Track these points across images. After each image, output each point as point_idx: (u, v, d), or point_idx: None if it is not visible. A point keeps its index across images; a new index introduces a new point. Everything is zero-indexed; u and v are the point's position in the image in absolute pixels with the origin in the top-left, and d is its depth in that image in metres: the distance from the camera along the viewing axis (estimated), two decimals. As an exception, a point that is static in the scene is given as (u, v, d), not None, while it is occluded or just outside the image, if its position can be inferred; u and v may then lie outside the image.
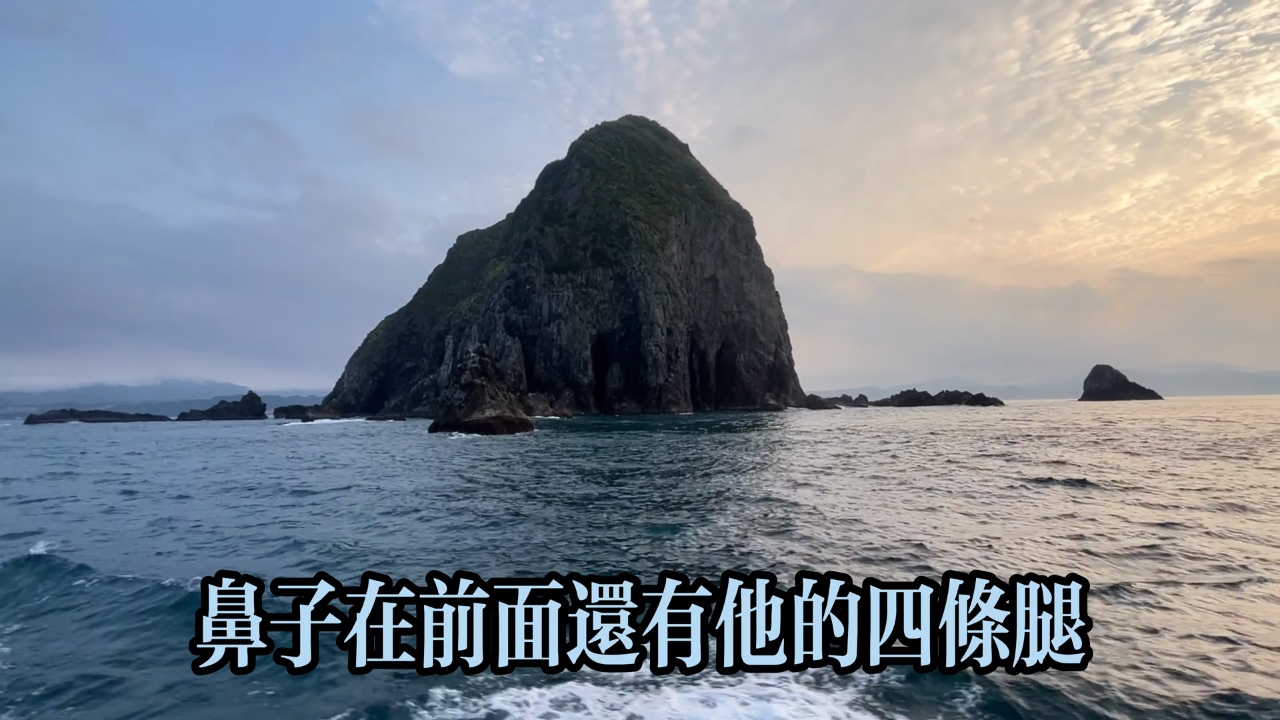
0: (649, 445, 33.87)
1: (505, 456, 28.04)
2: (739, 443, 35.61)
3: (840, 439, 38.73)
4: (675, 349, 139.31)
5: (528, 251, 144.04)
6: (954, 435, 41.07)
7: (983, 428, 50.14)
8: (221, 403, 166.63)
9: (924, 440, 35.73)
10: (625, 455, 27.11)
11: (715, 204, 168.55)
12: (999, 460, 24.97)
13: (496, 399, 58.24)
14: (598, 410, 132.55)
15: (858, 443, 34.07)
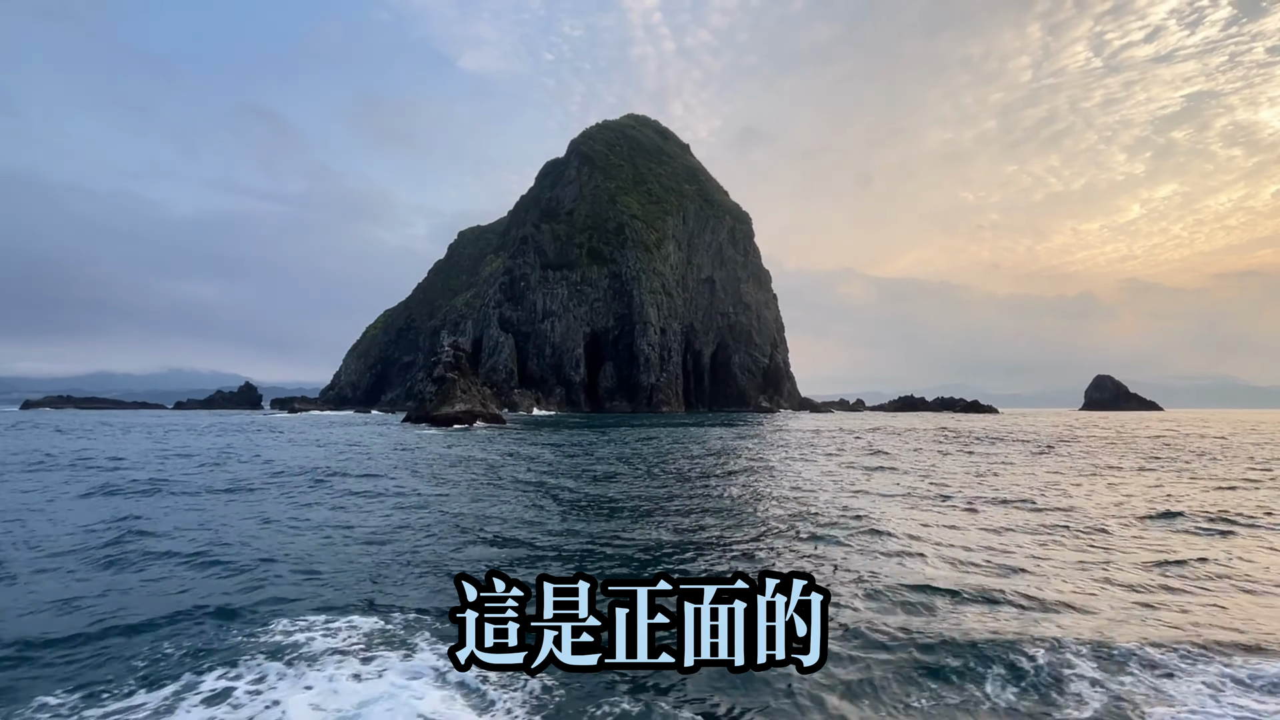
0: (612, 441, 33.20)
1: (439, 455, 27.40)
2: (702, 439, 35.01)
3: (798, 438, 38.08)
4: (669, 349, 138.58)
5: (524, 248, 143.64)
6: (888, 434, 40.53)
7: (935, 431, 49.30)
8: (218, 393, 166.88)
9: (848, 441, 35.29)
10: (579, 452, 26.42)
11: (714, 204, 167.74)
12: (856, 452, 25.19)
13: (469, 393, 57.65)
14: (589, 408, 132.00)
15: (809, 441, 33.59)
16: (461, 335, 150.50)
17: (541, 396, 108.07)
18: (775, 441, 35.36)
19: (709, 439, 36.41)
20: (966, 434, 46.11)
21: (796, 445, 33.61)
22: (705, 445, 31.97)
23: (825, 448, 32.03)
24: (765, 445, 33.35)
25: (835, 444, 34.80)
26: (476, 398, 58.08)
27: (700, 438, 37.55)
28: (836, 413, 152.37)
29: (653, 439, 36.23)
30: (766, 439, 37.49)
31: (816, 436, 42.51)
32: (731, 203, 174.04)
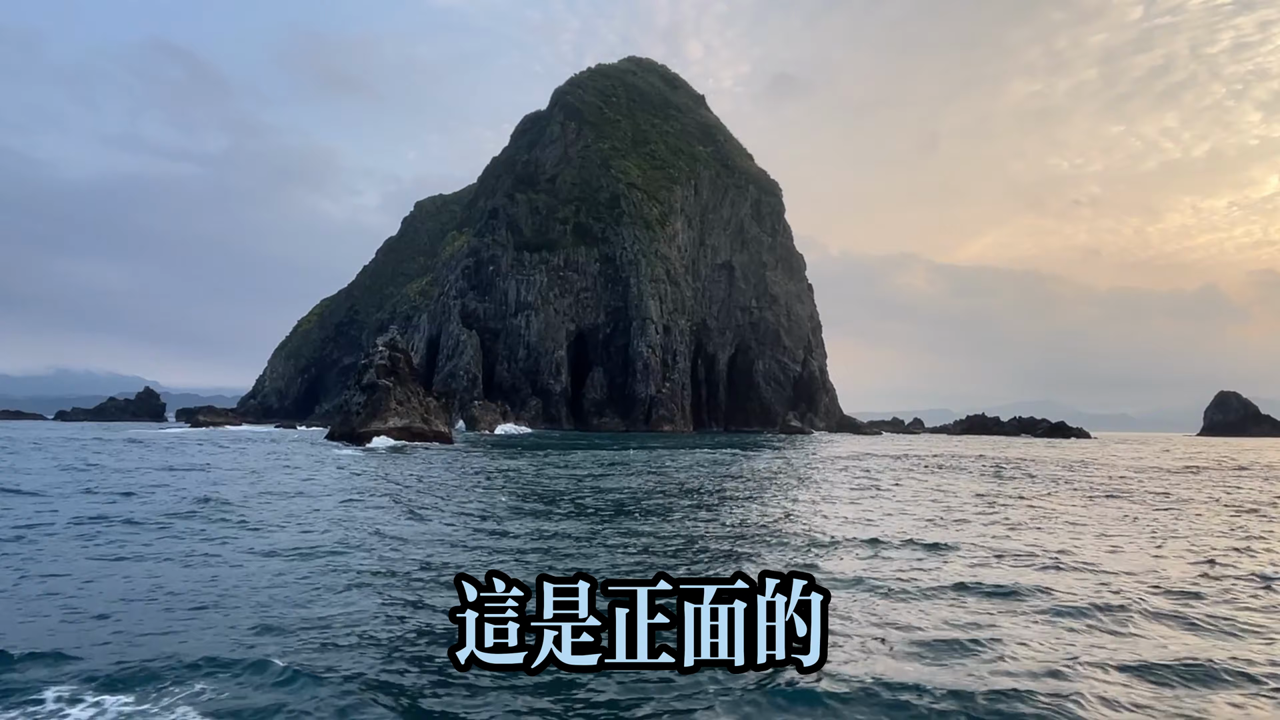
0: (567, 471, 32.96)
1: (334, 483, 27.19)
2: (693, 469, 34.57)
3: (795, 469, 37.67)
4: (674, 352, 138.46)
5: (493, 223, 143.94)
6: (919, 466, 39.94)
7: (992, 460, 48.80)
8: (111, 400, 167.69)
9: (865, 467, 35.02)
10: (519, 484, 26.20)
11: (735, 171, 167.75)
12: (845, 481, 24.27)
13: (407, 404, 57.47)
14: (572, 424, 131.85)
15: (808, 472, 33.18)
16: (414, 332, 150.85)
17: (510, 409, 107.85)
18: (767, 474, 35.10)
19: (695, 472, 36.09)
20: (1031, 465, 45.67)
21: (790, 475, 33.21)
22: (691, 474, 31.65)
23: (833, 479, 31.62)
24: (750, 479, 33.03)
25: (854, 472, 34.37)
26: (418, 411, 57.86)
27: (693, 468, 37.25)
28: (886, 435, 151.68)
29: (618, 468, 35.95)
30: (751, 472, 37.24)
31: (824, 467, 42.14)
32: (757, 169, 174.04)
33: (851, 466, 41.59)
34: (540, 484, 26.22)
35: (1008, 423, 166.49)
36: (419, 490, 24.42)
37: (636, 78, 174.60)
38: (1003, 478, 35.38)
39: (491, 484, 26.56)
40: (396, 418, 55.26)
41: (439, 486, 25.57)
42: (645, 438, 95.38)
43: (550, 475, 30.69)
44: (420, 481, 27.04)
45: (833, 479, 32.96)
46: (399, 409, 55.98)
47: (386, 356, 59.39)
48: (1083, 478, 36.58)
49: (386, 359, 59.21)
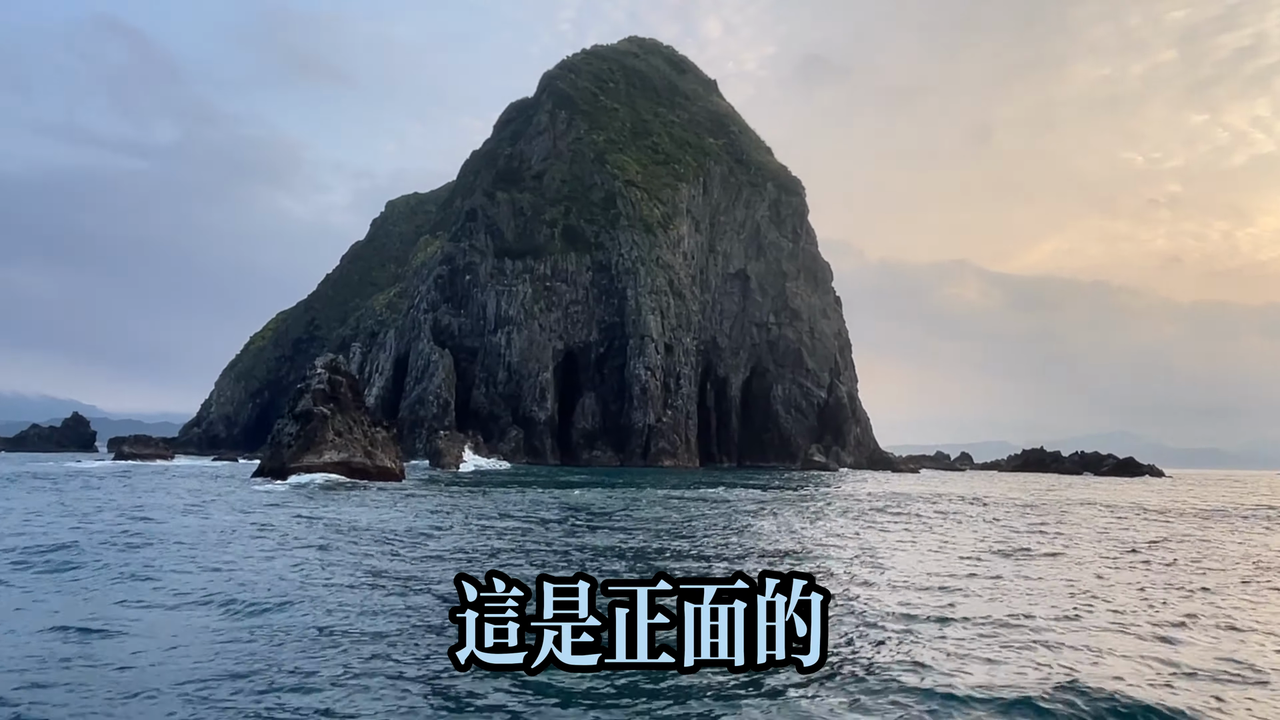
0: (509, 523, 32.55)
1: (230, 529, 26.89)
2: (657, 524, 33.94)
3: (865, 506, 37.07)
4: (677, 375, 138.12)
5: (470, 226, 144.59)
6: (932, 507, 39.23)
7: (1025, 499, 47.98)
8: (33, 428, 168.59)
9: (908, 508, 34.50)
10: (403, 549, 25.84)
11: (750, 166, 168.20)
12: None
13: (348, 435, 57.17)
14: (558, 458, 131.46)
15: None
16: (380, 351, 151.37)
17: (483, 441, 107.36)
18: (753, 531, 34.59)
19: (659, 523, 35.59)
20: (1072, 513, 44.89)
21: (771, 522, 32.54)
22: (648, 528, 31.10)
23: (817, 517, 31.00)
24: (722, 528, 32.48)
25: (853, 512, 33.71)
26: (359, 443, 57.55)
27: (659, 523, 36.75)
28: (926, 472, 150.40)
29: (567, 520, 35.43)
30: (706, 528, 36.72)
31: (819, 511, 41.56)
32: (776, 164, 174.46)
33: (854, 509, 40.88)
34: (438, 546, 25.78)
35: (1069, 458, 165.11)
36: (293, 546, 23.99)
37: (638, 60, 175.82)
38: (1016, 530, 34.66)
39: (380, 544, 26.18)
40: (334, 451, 54.94)
41: (321, 544, 25.19)
42: (640, 474, 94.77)
43: (465, 530, 30.28)
44: (307, 528, 26.60)
45: (804, 529, 32.35)
46: (337, 441, 55.68)
47: (325, 380, 59.17)
48: (1130, 532, 35.84)
49: (325, 383, 58.98)
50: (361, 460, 56.07)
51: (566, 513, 35.70)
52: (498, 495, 46.63)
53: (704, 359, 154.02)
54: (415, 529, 27.50)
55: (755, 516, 36.45)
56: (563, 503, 41.60)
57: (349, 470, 54.95)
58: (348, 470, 54.92)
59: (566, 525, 30.31)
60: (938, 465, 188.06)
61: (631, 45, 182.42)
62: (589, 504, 40.81)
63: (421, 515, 32.91)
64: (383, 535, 25.42)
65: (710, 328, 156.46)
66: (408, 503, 39.33)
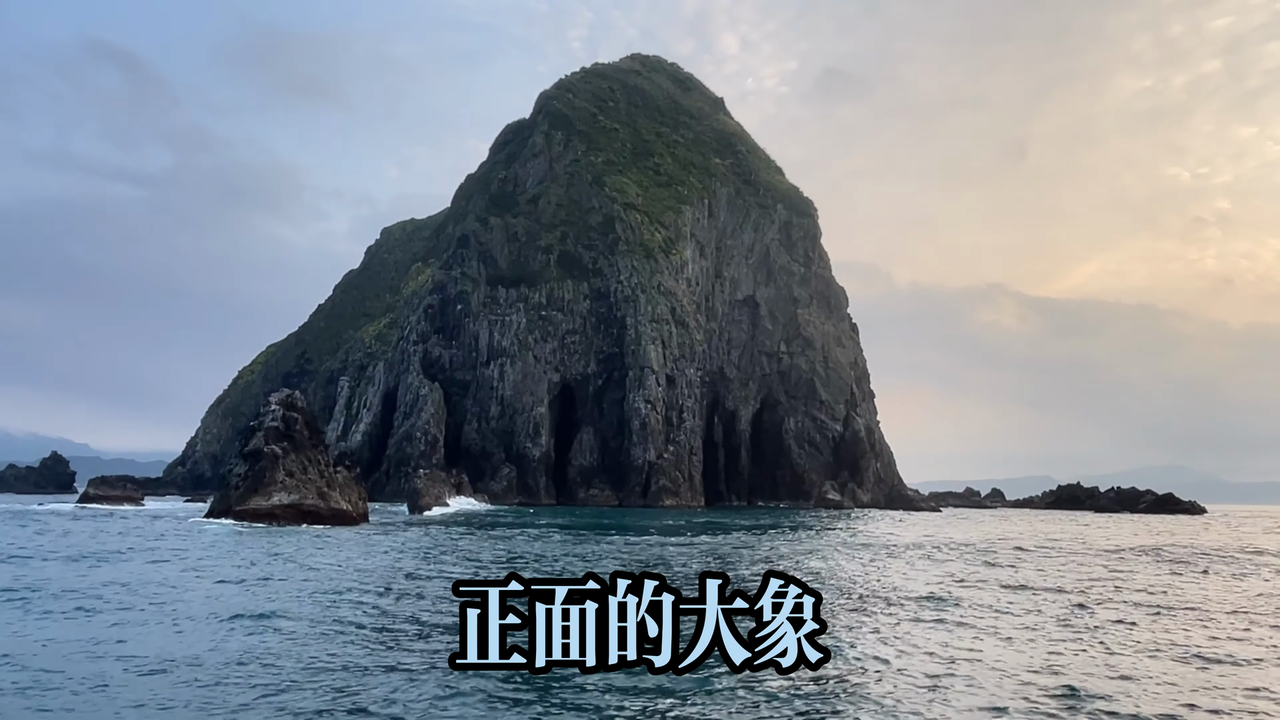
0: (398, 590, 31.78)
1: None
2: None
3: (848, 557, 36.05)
4: (679, 408, 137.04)
5: (462, 253, 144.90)
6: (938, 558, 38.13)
7: (1038, 550, 46.61)
8: (10, 468, 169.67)
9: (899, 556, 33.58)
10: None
11: (759, 187, 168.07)
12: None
13: (301, 476, 56.55)
14: (553, 498, 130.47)
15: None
16: (369, 385, 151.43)
17: (466, 480, 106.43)
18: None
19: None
20: (1071, 562, 43.56)
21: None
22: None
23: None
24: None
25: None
26: (314, 483, 56.89)
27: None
28: (948, 511, 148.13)
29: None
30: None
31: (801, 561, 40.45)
32: (786, 185, 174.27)
33: (837, 555, 39.75)
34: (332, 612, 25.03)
35: (1104, 495, 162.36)
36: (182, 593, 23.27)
37: (641, 79, 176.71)
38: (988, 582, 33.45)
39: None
40: (284, 492, 54.30)
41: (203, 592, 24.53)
42: (636, 515, 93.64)
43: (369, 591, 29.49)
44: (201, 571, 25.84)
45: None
46: (287, 482, 55.06)
47: (280, 417, 58.76)
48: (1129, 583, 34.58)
49: (279, 420, 58.57)
50: (314, 502, 55.39)
51: (496, 565, 34.81)
52: (447, 541, 45.79)
53: (711, 391, 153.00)
54: (269, 578, 26.65)
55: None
56: (510, 550, 40.70)
57: (299, 513, 54.28)
58: (298, 513, 54.25)
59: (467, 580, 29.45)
60: (964, 503, 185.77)
61: (634, 63, 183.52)
62: (540, 553, 39.85)
63: (317, 565, 32.10)
64: (218, 583, 24.61)
65: (717, 358, 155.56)
66: (335, 548, 38.54)
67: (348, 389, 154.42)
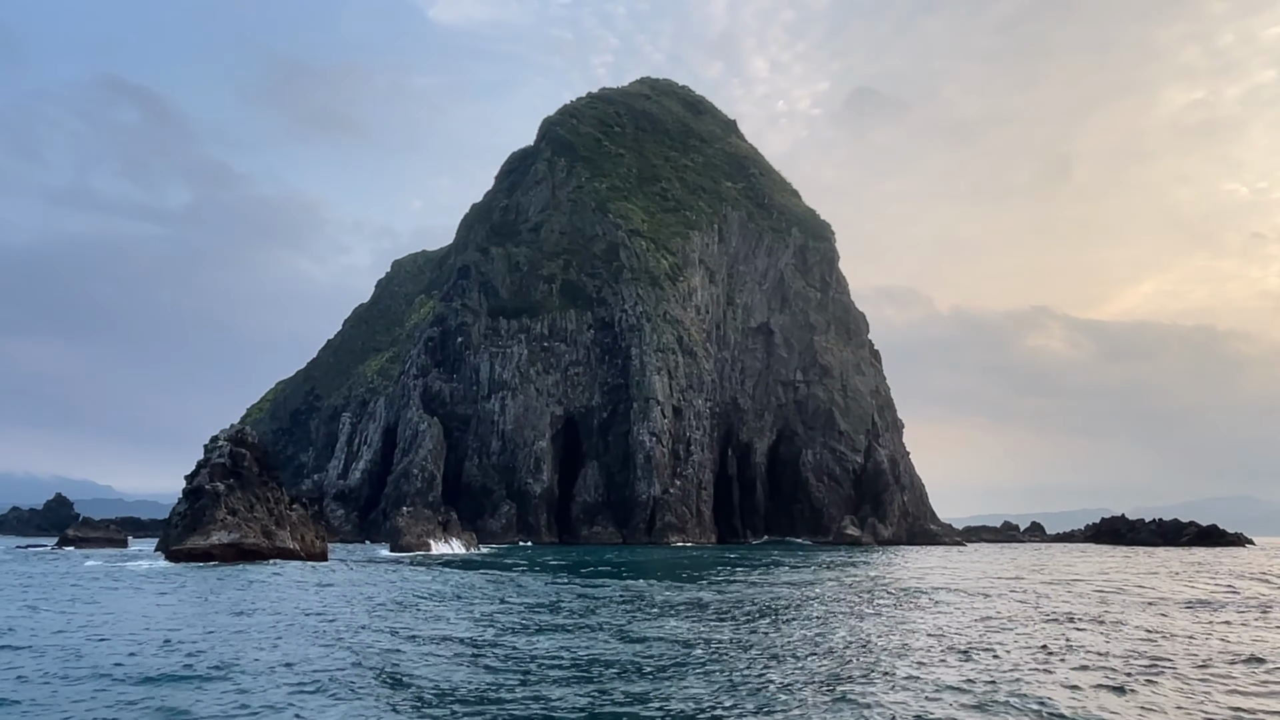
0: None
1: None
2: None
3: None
4: (687, 440, 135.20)
5: (463, 284, 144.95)
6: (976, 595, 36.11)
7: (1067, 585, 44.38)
8: (13, 510, 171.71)
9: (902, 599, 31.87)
10: None
11: (774, 211, 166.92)
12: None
13: (246, 514, 55.70)
14: (555, 536, 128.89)
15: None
16: (370, 420, 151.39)
17: (455, 518, 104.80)
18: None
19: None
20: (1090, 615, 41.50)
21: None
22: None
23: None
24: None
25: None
26: (260, 522, 56.03)
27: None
28: (974, 547, 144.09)
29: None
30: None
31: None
32: (802, 208, 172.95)
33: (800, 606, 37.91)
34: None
35: (1146, 528, 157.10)
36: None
37: (649, 102, 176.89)
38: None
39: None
40: (223, 531, 53.42)
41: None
42: (633, 554, 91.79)
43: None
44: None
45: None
46: (229, 520, 54.19)
47: (227, 454, 58.12)
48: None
49: (226, 456, 57.93)
50: (256, 541, 54.50)
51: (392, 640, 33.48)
52: (368, 585, 44.54)
53: (724, 423, 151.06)
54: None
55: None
56: (432, 590, 39.37)
57: (239, 552, 53.38)
58: (238, 552, 53.35)
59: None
60: (999, 537, 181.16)
61: (643, 87, 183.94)
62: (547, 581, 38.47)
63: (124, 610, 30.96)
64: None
65: (730, 388, 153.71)
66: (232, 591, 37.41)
67: (349, 425, 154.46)
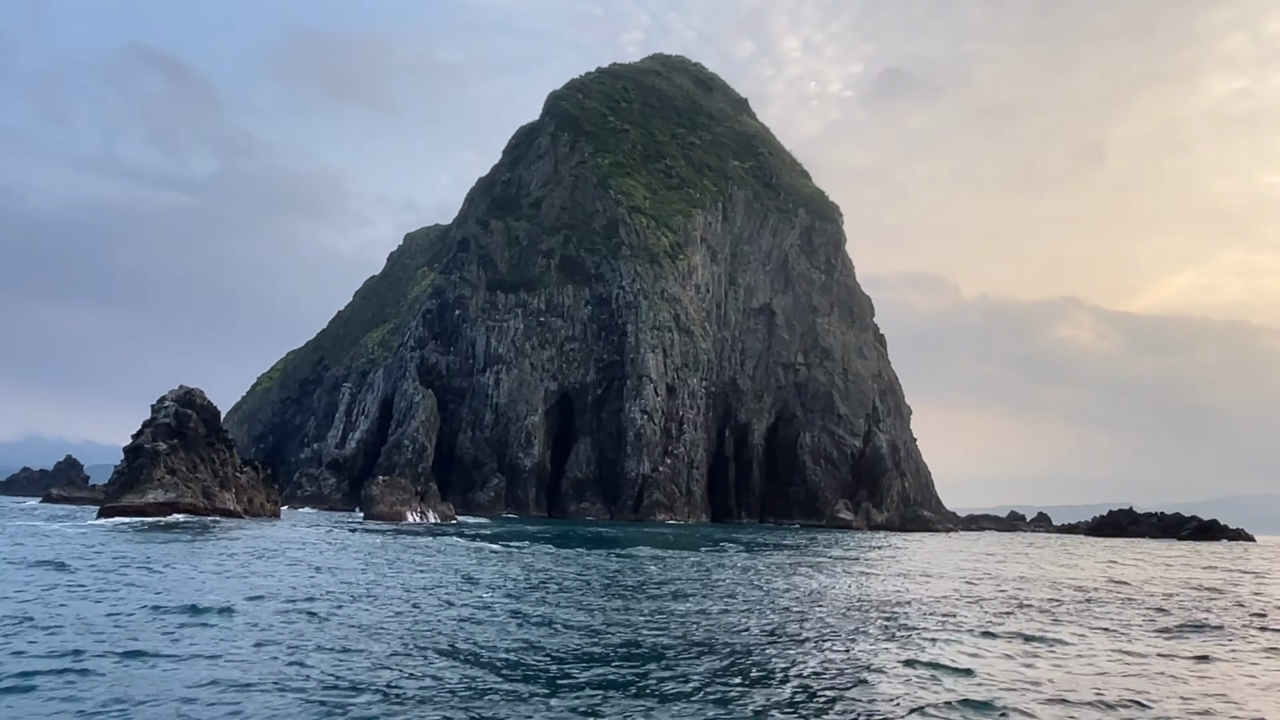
0: None
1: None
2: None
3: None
4: (679, 419, 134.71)
5: (462, 258, 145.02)
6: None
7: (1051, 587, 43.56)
8: (24, 471, 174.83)
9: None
10: None
11: (780, 191, 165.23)
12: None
13: (186, 474, 56.12)
14: (544, 510, 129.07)
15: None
16: (369, 392, 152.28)
17: (434, 489, 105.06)
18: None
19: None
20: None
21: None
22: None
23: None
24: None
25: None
26: (200, 482, 56.44)
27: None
28: (961, 534, 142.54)
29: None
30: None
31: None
32: (811, 189, 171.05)
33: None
34: None
35: (1148, 521, 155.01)
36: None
37: (660, 79, 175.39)
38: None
39: None
40: (159, 490, 53.85)
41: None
42: (615, 533, 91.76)
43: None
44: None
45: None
46: (166, 479, 54.61)
47: (173, 414, 58.51)
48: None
49: (171, 417, 58.31)
50: (192, 501, 54.89)
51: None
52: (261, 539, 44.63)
53: (722, 403, 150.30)
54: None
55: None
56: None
57: (175, 511, 53.78)
58: (173, 511, 53.75)
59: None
60: (1001, 526, 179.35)
61: (654, 63, 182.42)
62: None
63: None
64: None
65: (729, 368, 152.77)
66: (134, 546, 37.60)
67: (348, 396, 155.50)
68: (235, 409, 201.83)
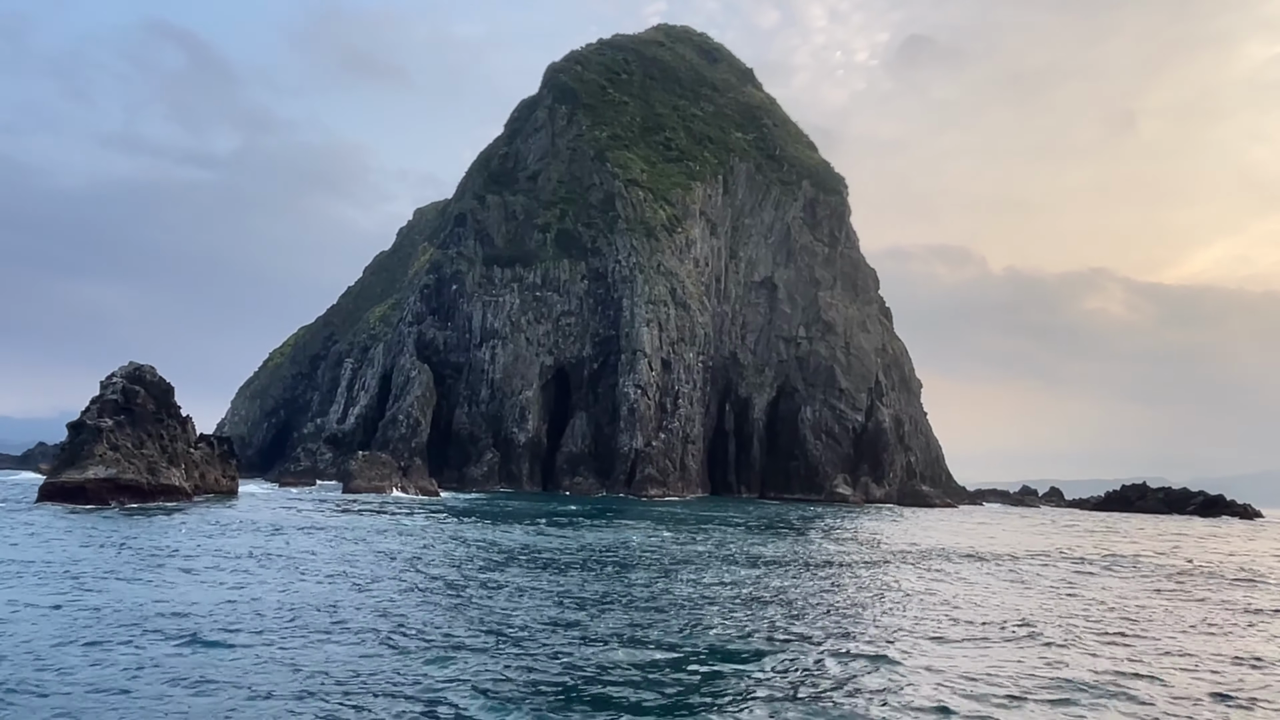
0: None
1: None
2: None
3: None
4: (675, 394, 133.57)
5: (459, 232, 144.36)
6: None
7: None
8: (39, 446, 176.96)
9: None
10: None
11: (784, 163, 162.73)
12: None
13: (132, 451, 55.93)
14: (537, 485, 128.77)
15: None
16: (368, 367, 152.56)
17: (419, 465, 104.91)
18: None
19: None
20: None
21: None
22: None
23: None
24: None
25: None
26: (146, 458, 56.28)
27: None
28: (961, 509, 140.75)
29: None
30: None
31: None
32: (815, 160, 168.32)
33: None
34: None
35: (1154, 496, 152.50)
36: None
37: (663, 50, 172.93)
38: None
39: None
40: (100, 466, 53.69)
41: None
42: (603, 508, 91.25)
43: None
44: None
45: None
46: (108, 455, 54.43)
47: (120, 390, 58.35)
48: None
49: (119, 393, 58.15)
50: (134, 477, 54.69)
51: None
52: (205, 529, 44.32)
53: (722, 377, 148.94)
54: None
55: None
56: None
57: (115, 487, 53.63)
58: (114, 487, 53.60)
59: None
60: (1010, 502, 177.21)
61: (657, 34, 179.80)
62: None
63: None
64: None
65: (730, 343, 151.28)
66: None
67: (350, 371, 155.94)
68: (248, 384, 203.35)
